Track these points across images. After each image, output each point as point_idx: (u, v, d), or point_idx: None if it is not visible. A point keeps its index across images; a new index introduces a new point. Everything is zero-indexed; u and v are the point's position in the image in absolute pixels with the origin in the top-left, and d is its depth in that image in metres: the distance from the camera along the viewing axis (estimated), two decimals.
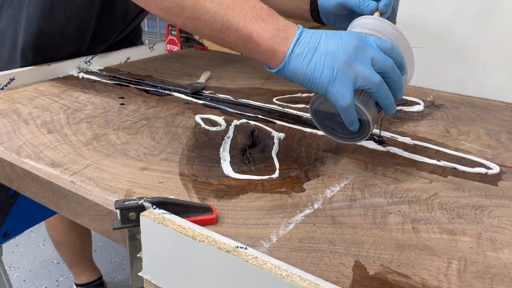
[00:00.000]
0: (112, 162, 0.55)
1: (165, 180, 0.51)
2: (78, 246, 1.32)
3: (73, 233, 1.27)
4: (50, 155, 0.56)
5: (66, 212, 0.50)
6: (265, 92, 0.85)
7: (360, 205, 0.47)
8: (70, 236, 1.28)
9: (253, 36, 0.50)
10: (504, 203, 0.49)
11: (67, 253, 1.33)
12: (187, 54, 1.16)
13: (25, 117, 0.68)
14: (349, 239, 0.42)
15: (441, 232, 0.43)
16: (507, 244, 0.42)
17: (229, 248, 0.33)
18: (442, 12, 0.99)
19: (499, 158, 0.60)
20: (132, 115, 0.71)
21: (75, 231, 1.27)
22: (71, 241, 1.29)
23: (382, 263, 0.39)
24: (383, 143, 0.63)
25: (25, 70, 0.85)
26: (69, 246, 1.30)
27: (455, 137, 0.66)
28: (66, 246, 1.30)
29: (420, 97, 0.84)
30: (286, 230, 0.43)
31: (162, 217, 0.37)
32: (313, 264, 0.38)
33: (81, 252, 1.34)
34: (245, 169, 0.54)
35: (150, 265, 0.39)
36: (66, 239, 1.28)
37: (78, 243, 1.31)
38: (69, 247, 1.31)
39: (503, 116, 0.76)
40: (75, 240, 1.30)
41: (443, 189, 0.51)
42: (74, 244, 1.30)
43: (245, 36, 0.51)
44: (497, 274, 0.38)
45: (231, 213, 0.45)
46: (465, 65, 0.97)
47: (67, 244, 1.30)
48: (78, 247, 1.32)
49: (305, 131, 0.67)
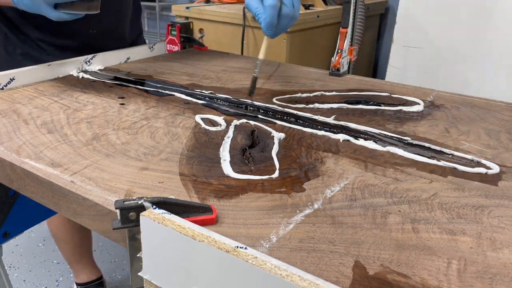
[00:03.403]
0: (112, 162, 0.55)
1: (165, 180, 0.51)
2: (76, 241, 1.32)
3: (71, 227, 1.28)
4: (50, 155, 0.56)
5: (66, 212, 0.50)
6: (265, 92, 0.85)
7: (360, 205, 0.47)
8: (69, 230, 1.28)
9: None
10: (504, 203, 0.49)
11: (66, 248, 1.33)
12: (187, 54, 1.16)
13: (25, 117, 0.68)
14: (349, 239, 0.42)
15: (441, 232, 0.43)
16: (507, 244, 0.42)
17: (229, 248, 0.33)
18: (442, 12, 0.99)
19: (499, 158, 0.60)
20: (132, 115, 0.71)
21: (74, 223, 1.26)
22: (69, 235, 1.30)
23: (382, 263, 0.39)
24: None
25: (25, 70, 0.85)
26: (67, 241, 1.31)
27: (455, 137, 0.66)
28: (65, 240, 1.31)
29: (420, 97, 0.84)
30: (286, 230, 0.43)
31: (162, 217, 0.37)
32: (313, 264, 0.38)
33: (80, 248, 1.34)
34: (245, 169, 0.54)
35: (150, 265, 0.39)
36: (64, 233, 1.29)
37: (76, 238, 1.31)
38: (67, 242, 1.31)
39: (503, 116, 0.76)
40: (74, 235, 1.30)
41: (443, 189, 0.51)
42: (72, 238, 1.31)
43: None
44: (497, 274, 0.38)
45: (231, 213, 0.45)
46: (465, 65, 0.97)
47: (65, 238, 1.30)
48: (76, 242, 1.32)
49: (305, 131, 0.67)
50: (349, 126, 0.69)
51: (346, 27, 0.94)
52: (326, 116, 0.73)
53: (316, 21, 1.86)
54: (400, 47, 1.45)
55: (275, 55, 1.78)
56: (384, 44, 2.51)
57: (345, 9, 0.94)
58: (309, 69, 1.03)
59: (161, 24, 3.25)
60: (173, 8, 2.09)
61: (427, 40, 1.10)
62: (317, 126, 0.68)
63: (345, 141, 0.63)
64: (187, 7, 2.04)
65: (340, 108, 0.77)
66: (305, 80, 0.93)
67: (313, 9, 1.92)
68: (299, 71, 1.01)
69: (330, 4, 2.06)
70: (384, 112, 0.76)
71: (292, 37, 1.76)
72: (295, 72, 1.00)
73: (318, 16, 1.86)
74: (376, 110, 0.76)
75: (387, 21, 2.47)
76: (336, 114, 0.74)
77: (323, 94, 0.84)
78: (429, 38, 1.10)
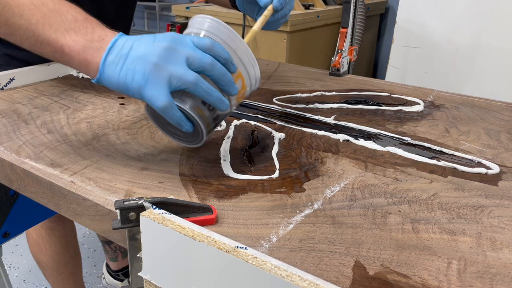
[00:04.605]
0: (112, 162, 0.55)
1: (165, 180, 0.51)
2: (70, 269, 1.20)
3: (65, 254, 1.17)
4: (50, 155, 0.56)
5: (66, 212, 0.50)
6: (265, 92, 0.85)
7: (360, 205, 0.47)
8: (62, 258, 1.17)
9: (65, 49, 0.51)
10: (504, 203, 0.49)
11: (59, 279, 1.20)
12: None
13: (25, 117, 0.68)
14: (349, 239, 0.42)
15: (441, 232, 0.43)
16: (507, 244, 0.42)
17: (229, 248, 0.33)
18: (442, 12, 0.99)
19: (499, 158, 0.60)
20: (132, 115, 0.71)
21: (67, 251, 1.17)
22: (63, 264, 1.18)
23: (382, 263, 0.39)
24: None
25: (25, 70, 0.85)
26: (61, 271, 1.19)
27: (455, 137, 0.66)
28: (58, 270, 1.18)
29: (420, 97, 0.84)
30: (286, 230, 0.43)
31: (162, 217, 0.37)
32: (313, 264, 0.38)
33: (74, 277, 1.23)
34: (245, 169, 0.54)
35: (150, 265, 0.39)
36: (57, 261, 1.17)
37: (70, 265, 1.20)
38: (61, 272, 1.19)
39: (503, 116, 0.76)
40: (68, 262, 1.19)
41: (443, 189, 0.51)
42: (66, 267, 1.19)
43: (58, 50, 0.51)
44: (497, 274, 0.38)
45: (231, 213, 0.45)
46: (465, 65, 0.97)
47: (58, 268, 1.18)
48: (70, 270, 1.21)
49: (305, 131, 0.67)
50: (349, 126, 0.69)
51: (346, 27, 0.94)
52: (326, 116, 0.73)
53: (316, 21, 1.86)
54: (400, 47, 1.45)
55: (275, 55, 1.78)
56: (384, 44, 2.51)
57: (345, 9, 0.94)
58: (309, 69, 1.03)
59: (161, 24, 3.25)
60: (173, 8, 2.09)
61: (427, 40, 1.11)
62: (317, 126, 0.68)
63: (345, 141, 0.63)
64: (187, 7, 2.04)
65: (340, 108, 0.77)
66: (305, 80, 0.93)
67: (313, 9, 1.93)
68: (299, 71, 1.01)
69: (330, 4, 2.06)
70: (384, 112, 0.76)
71: (292, 37, 1.77)
72: (295, 72, 1.00)
73: (318, 16, 1.87)
74: (376, 110, 0.76)
75: (387, 21, 2.47)
76: (336, 114, 0.74)
77: (323, 94, 0.84)
78: (429, 38, 1.10)
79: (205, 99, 0.49)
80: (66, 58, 0.51)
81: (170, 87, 0.48)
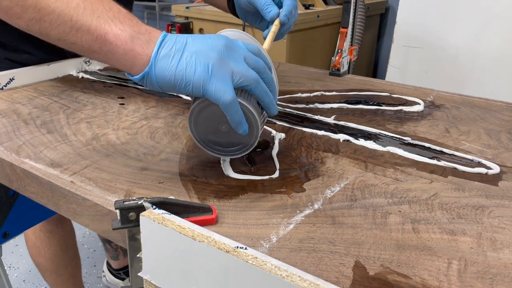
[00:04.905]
0: (112, 162, 0.55)
1: (165, 180, 0.51)
2: (69, 271, 1.19)
3: (64, 256, 1.15)
4: (49, 155, 0.56)
5: (66, 212, 0.50)
6: None
7: (360, 205, 0.47)
8: (61, 261, 1.15)
9: (109, 37, 0.46)
10: (504, 203, 0.49)
11: (58, 281, 1.18)
12: None
13: (24, 117, 0.68)
14: (349, 239, 0.42)
15: (441, 232, 0.43)
16: (507, 244, 0.42)
17: (229, 248, 0.33)
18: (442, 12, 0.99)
19: (499, 158, 0.60)
20: (132, 115, 0.71)
21: (66, 253, 1.15)
22: (62, 266, 1.16)
23: (382, 263, 0.38)
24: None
25: (25, 70, 0.85)
26: (60, 273, 1.17)
27: (455, 137, 0.66)
28: (57, 273, 1.16)
29: (420, 97, 0.84)
30: (286, 230, 0.43)
31: (162, 217, 0.37)
32: (313, 264, 0.38)
33: (73, 278, 1.21)
34: (245, 169, 0.54)
35: (150, 265, 0.39)
36: (56, 264, 1.15)
37: (69, 267, 1.18)
38: (60, 274, 1.17)
39: (503, 116, 0.76)
40: (67, 264, 1.17)
41: (443, 189, 0.51)
42: (65, 269, 1.17)
43: (100, 38, 0.46)
44: (497, 274, 0.38)
45: (231, 213, 0.45)
46: (465, 65, 0.97)
47: (57, 270, 1.16)
48: (69, 272, 1.19)
49: (305, 131, 0.67)
50: (349, 126, 0.69)
51: (346, 27, 0.94)
52: (326, 116, 0.72)
53: (316, 21, 1.86)
54: (400, 47, 1.45)
55: (275, 55, 1.78)
56: (384, 44, 2.51)
57: (345, 9, 0.94)
58: (309, 69, 1.03)
59: (161, 24, 3.25)
60: (173, 8, 2.09)
61: (427, 40, 1.10)
62: (317, 126, 0.68)
63: (345, 141, 0.63)
64: (187, 7, 2.04)
65: (340, 108, 0.77)
66: (305, 80, 0.93)
67: (313, 9, 1.93)
68: (299, 71, 1.01)
69: (330, 4, 2.06)
70: (384, 112, 0.76)
71: (292, 37, 1.77)
72: (295, 72, 1.00)
73: (318, 16, 1.87)
74: (376, 110, 0.76)
75: (387, 21, 2.47)
76: (336, 114, 0.74)
77: (323, 94, 0.84)
78: (429, 38, 1.10)
79: (261, 99, 0.49)
80: (109, 47, 0.46)
81: (232, 83, 0.46)
